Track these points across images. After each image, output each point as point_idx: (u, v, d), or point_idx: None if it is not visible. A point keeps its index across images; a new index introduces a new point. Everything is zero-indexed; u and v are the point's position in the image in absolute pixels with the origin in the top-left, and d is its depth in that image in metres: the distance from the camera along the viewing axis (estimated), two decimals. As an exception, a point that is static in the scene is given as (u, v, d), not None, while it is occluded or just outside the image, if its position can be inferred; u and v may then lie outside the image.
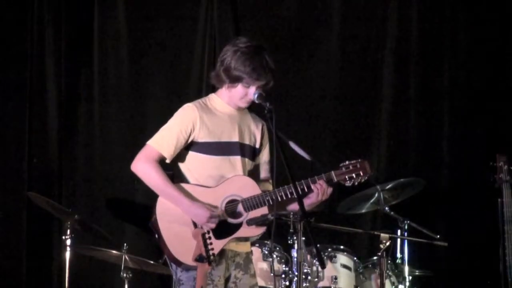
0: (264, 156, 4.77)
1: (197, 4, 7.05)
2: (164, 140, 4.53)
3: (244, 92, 4.56)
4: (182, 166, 4.61)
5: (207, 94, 6.42)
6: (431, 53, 7.11)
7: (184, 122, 4.54)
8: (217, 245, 4.46)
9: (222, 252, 4.52)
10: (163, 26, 7.08)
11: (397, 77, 7.08)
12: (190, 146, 4.58)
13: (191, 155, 4.59)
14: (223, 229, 4.50)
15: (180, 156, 4.59)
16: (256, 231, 4.54)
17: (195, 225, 4.47)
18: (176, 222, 4.47)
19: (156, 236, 4.48)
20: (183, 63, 7.06)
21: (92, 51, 7.04)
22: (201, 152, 4.57)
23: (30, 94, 6.95)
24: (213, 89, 4.95)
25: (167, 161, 4.55)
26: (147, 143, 4.59)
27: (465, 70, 7.07)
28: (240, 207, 4.53)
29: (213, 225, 4.46)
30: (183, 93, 6.98)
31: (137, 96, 7.07)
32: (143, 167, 4.54)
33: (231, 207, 4.53)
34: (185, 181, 4.57)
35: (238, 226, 4.52)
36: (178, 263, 4.48)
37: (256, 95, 4.53)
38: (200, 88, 6.94)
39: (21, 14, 6.95)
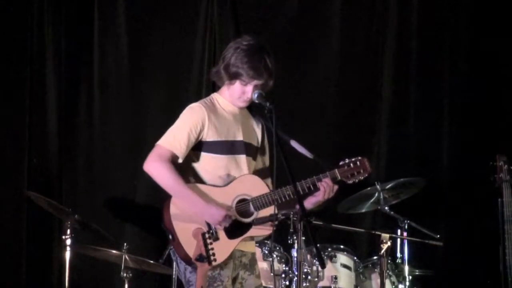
0: (267, 161, 4.78)
1: (197, 4, 7.05)
2: (176, 139, 4.50)
3: (241, 90, 4.55)
4: (191, 166, 4.59)
5: (207, 94, 6.45)
6: (431, 53, 7.11)
7: (194, 122, 4.53)
8: (230, 245, 4.48)
9: (231, 252, 4.52)
10: (163, 26, 7.08)
11: (397, 77, 7.08)
12: (197, 145, 4.57)
13: (198, 154, 4.57)
14: (235, 228, 4.50)
15: (188, 156, 4.58)
16: (266, 231, 4.54)
17: (208, 225, 4.47)
18: (190, 222, 4.46)
19: (170, 236, 4.47)
20: (183, 63, 7.06)
21: (92, 51, 7.04)
22: (209, 151, 4.56)
23: (30, 94, 6.95)
24: (213, 89, 4.95)
25: (180, 160, 4.52)
26: (158, 143, 4.54)
27: (465, 70, 7.07)
28: (250, 206, 4.54)
29: (226, 224, 4.45)
30: (183, 93, 6.99)
31: (137, 96, 7.07)
32: (156, 166, 4.48)
33: (242, 206, 4.53)
34: (195, 181, 4.56)
35: (249, 225, 4.53)
36: (191, 263, 4.46)
37: (256, 95, 4.53)
38: (200, 88, 6.95)
39: (21, 14, 6.95)
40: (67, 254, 5.87)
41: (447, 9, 7.12)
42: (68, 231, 5.86)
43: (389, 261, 5.94)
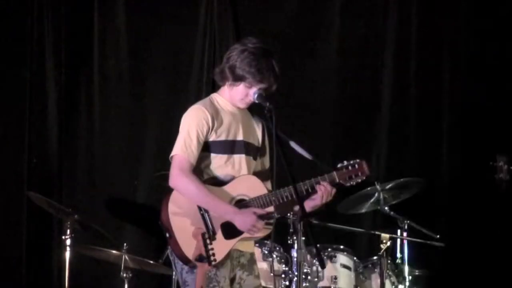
0: (267, 162, 4.77)
1: (197, 4, 7.05)
2: (189, 147, 4.49)
3: (245, 93, 4.54)
4: None
5: (207, 93, 6.44)
6: (431, 53, 7.10)
7: (200, 124, 4.51)
8: (227, 245, 4.46)
9: (228, 252, 4.51)
10: (163, 26, 7.08)
11: (397, 77, 7.08)
12: None
13: (200, 154, 4.57)
14: (232, 229, 4.49)
15: None
16: (264, 231, 4.53)
17: (206, 225, 4.46)
18: (187, 221, 4.45)
19: (167, 235, 4.46)
20: (183, 63, 7.06)
21: (92, 51, 7.05)
22: (209, 151, 4.56)
23: (30, 94, 6.96)
24: (213, 89, 4.94)
25: (194, 165, 4.53)
26: (174, 154, 4.51)
27: (465, 70, 7.07)
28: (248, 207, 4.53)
29: (258, 230, 4.45)
30: (183, 93, 6.99)
31: (137, 96, 7.07)
32: (183, 182, 4.46)
33: (240, 207, 4.52)
34: None
35: None
36: (187, 262, 4.45)
37: (256, 95, 4.52)
38: (200, 88, 6.94)
39: (21, 14, 6.95)
40: (67, 254, 5.87)
41: (447, 9, 7.11)
42: (68, 231, 5.86)
43: (389, 261, 5.94)
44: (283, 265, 5.87)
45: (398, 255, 6.19)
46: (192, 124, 4.52)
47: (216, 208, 4.46)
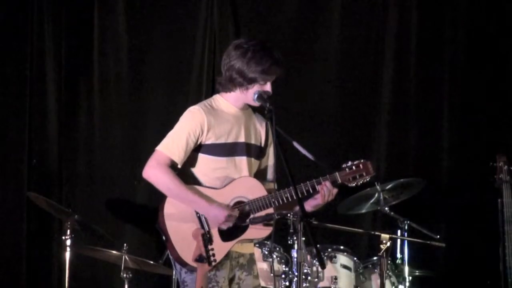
0: (270, 158, 4.76)
1: (197, 5, 7.05)
2: (174, 145, 4.50)
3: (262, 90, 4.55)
4: (188, 168, 4.58)
5: (207, 94, 6.46)
6: (431, 53, 7.10)
7: (193, 126, 4.51)
8: (224, 247, 4.47)
9: (227, 253, 4.51)
10: (163, 27, 7.08)
11: (397, 77, 7.08)
12: (197, 148, 4.57)
13: (198, 157, 4.56)
14: (230, 231, 4.49)
15: (187, 158, 4.57)
16: (263, 232, 4.52)
17: (202, 226, 4.46)
18: (183, 224, 4.45)
19: (164, 237, 4.47)
20: (183, 63, 7.06)
21: (92, 51, 7.04)
22: (208, 153, 4.55)
23: (30, 94, 6.96)
24: (213, 89, 4.94)
25: (179, 166, 4.53)
26: (156, 148, 4.54)
27: (465, 70, 7.07)
28: (247, 209, 4.53)
29: (230, 224, 4.46)
30: (183, 93, 6.98)
31: (137, 96, 7.07)
32: (155, 173, 4.49)
33: (238, 209, 4.52)
34: (192, 182, 4.56)
35: (245, 227, 4.52)
36: (184, 264, 4.46)
37: (256, 95, 4.51)
38: (200, 88, 6.94)
39: (21, 14, 6.95)
40: (67, 255, 5.87)
41: (446, 8, 7.11)
42: (68, 232, 5.86)
43: (389, 261, 5.94)
44: (283, 266, 5.88)
45: (398, 255, 6.20)
46: (186, 125, 4.53)
47: (187, 200, 4.45)
